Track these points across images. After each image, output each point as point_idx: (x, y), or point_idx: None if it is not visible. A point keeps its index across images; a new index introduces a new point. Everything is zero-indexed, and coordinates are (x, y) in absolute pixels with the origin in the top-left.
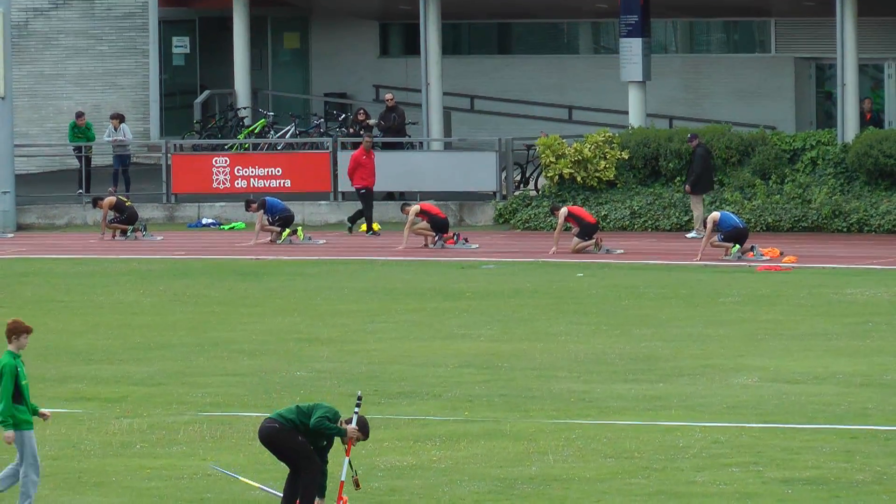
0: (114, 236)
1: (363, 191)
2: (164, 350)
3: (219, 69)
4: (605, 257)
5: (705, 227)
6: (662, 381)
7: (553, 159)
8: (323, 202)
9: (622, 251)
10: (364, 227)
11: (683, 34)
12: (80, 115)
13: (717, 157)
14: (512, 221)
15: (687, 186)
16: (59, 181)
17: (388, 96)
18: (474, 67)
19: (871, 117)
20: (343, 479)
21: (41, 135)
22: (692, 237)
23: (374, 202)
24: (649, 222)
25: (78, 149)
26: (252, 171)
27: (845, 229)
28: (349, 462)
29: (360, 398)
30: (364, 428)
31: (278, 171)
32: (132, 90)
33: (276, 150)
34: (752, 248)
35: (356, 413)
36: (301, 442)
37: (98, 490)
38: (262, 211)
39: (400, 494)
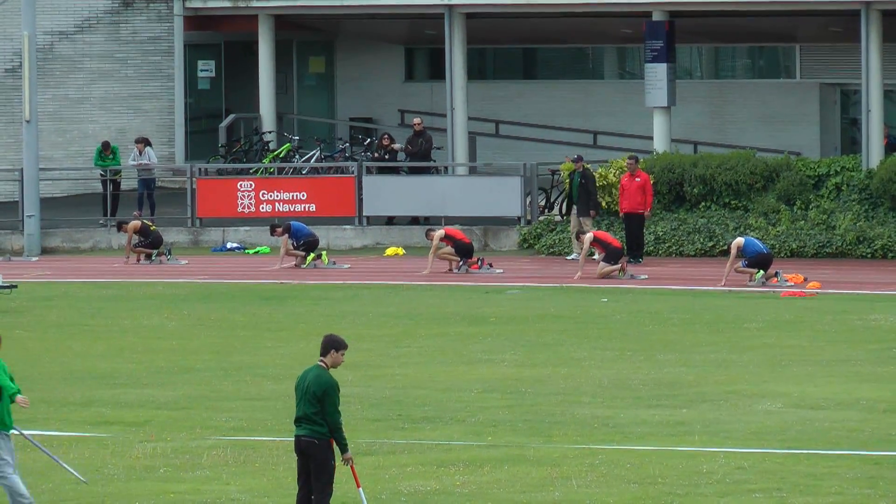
0: (138, 260)
1: (622, 216)
2: (188, 374)
3: (244, 93)
4: (629, 283)
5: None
6: (686, 406)
7: None
8: (348, 226)
9: (646, 276)
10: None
11: (708, 60)
12: (106, 145)
13: (741, 182)
14: (536, 246)
15: (592, 211)
16: (83, 205)
17: (417, 121)
18: (499, 92)
19: (889, 142)
20: None
21: (66, 158)
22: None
23: (400, 227)
24: (674, 247)
25: (103, 173)
26: (277, 196)
27: (869, 255)
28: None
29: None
30: (337, 342)
31: (303, 196)
32: (157, 114)
33: (301, 174)
34: (776, 274)
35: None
36: (332, 464)
37: None
38: (286, 235)
39: None
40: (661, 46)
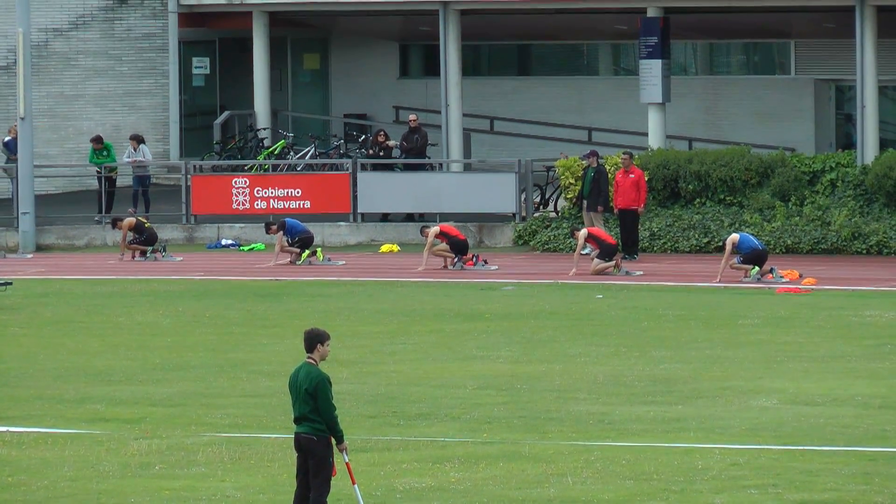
0: (133, 257)
1: (616, 212)
2: (183, 371)
3: (238, 90)
4: (624, 279)
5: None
6: (681, 402)
7: (572, 181)
8: (342, 223)
9: (641, 273)
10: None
11: (703, 56)
12: (97, 139)
13: (736, 178)
14: (531, 243)
15: (600, 207)
16: (78, 202)
17: (412, 117)
18: (494, 89)
19: None
20: None
21: (61, 155)
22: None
23: (395, 224)
24: (668, 244)
25: (98, 170)
26: (272, 192)
27: (864, 251)
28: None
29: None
30: (319, 335)
31: (298, 193)
32: (152, 111)
33: (296, 171)
34: (771, 271)
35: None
36: (330, 462)
37: None
38: (281, 232)
39: None
40: (656, 43)
